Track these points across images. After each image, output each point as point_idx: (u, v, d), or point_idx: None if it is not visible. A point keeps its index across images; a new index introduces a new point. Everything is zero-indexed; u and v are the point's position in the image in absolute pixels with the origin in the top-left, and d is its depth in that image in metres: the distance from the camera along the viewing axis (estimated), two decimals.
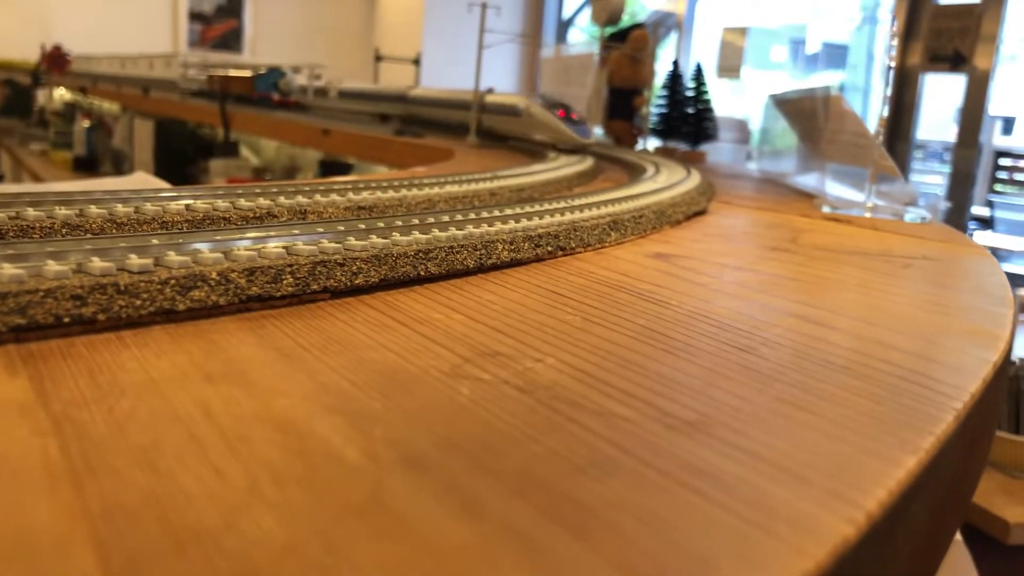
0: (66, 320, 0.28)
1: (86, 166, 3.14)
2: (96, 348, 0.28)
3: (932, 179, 3.63)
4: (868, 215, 0.85)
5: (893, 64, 0.86)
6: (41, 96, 4.19)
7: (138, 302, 0.30)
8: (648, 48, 1.70)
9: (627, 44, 1.71)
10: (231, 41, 5.55)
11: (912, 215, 0.85)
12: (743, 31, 1.75)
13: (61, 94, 4.04)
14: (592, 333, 0.35)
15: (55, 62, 4.04)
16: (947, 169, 3.53)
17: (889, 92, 0.85)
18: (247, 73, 2.24)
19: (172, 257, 0.33)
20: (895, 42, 0.85)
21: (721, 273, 0.50)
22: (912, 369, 0.33)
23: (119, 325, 0.30)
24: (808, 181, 1.12)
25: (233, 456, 0.21)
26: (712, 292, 0.45)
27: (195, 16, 5.45)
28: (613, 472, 0.22)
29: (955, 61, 3.10)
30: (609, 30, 1.80)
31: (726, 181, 1.18)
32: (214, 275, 0.33)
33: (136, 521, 0.17)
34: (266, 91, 2.16)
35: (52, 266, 0.30)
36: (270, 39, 5.42)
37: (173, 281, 0.32)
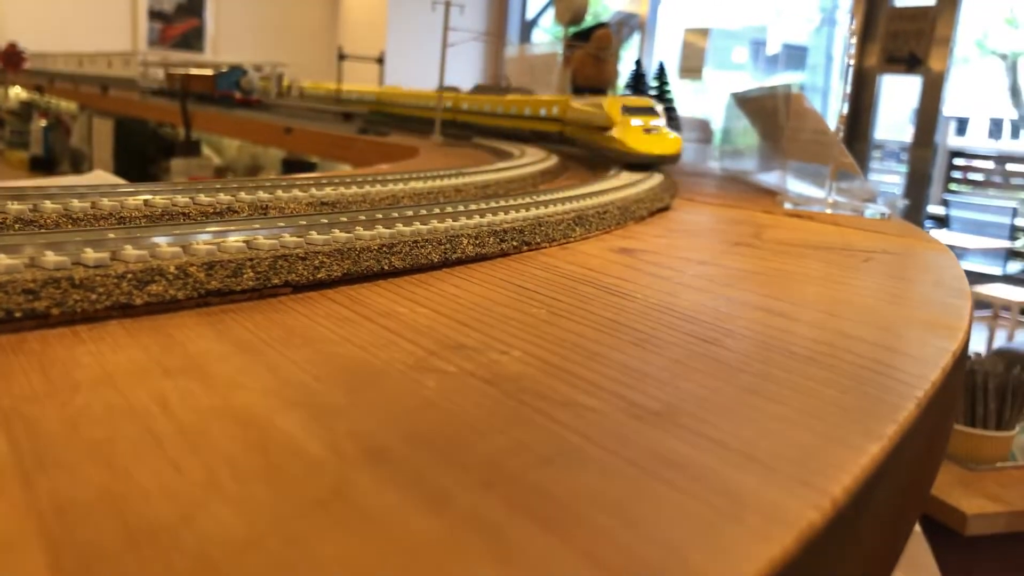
0: (17, 315, 0.28)
1: (43, 166, 3.07)
2: (49, 343, 0.27)
3: (890, 178, 3.69)
4: (829, 211, 0.86)
5: (852, 62, 0.87)
6: None
7: (93, 296, 0.29)
8: (612, 47, 1.70)
9: (591, 43, 1.71)
10: (192, 40, 5.48)
11: (872, 211, 0.86)
12: (705, 32, 1.77)
13: (17, 92, 3.95)
14: (558, 326, 0.35)
15: (10, 60, 3.95)
16: (904, 169, 3.59)
17: (848, 90, 0.86)
18: (208, 71, 2.21)
19: (129, 251, 0.32)
20: (854, 40, 0.86)
21: (685, 267, 0.50)
22: (875, 359, 0.33)
23: (74, 320, 0.29)
24: (770, 178, 1.13)
25: (191, 451, 0.20)
26: (677, 286, 0.45)
27: (155, 15, 5.37)
28: (581, 463, 0.22)
29: (911, 63, 3.16)
30: (572, 30, 1.80)
31: (689, 179, 1.19)
32: (172, 269, 0.32)
33: (89, 518, 0.17)
34: (228, 89, 2.13)
35: (3, 260, 0.29)
36: (232, 38, 5.36)
37: (130, 275, 0.31)
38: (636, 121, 0.91)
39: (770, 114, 1.14)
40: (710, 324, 0.37)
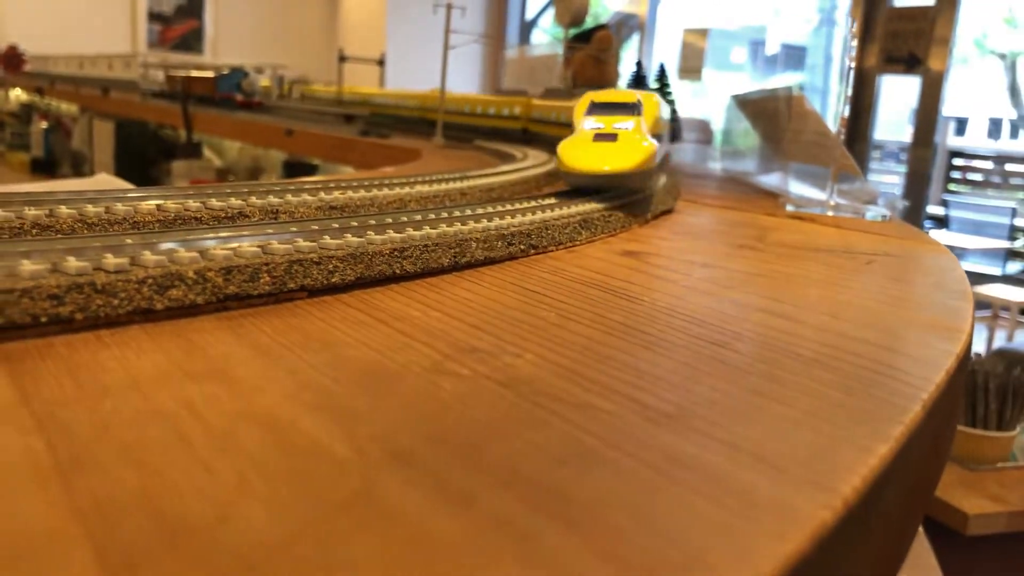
0: (43, 320, 0.28)
1: (44, 168, 3.09)
2: (75, 347, 0.28)
3: (889, 179, 3.70)
4: (831, 213, 0.87)
5: (853, 64, 0.88)
6: None
7: (116, 301, 0.30)
8: (612, 49, 1.71)
9: (591, 45, 1.72)
10: (192, 42, 5.49)
11: (873, 213, 0.87)
12: (704, 33, 1.78)
13: (17, 95, 3.96)
14: (568, 329, 0.35)
15: (10, 62, 3.96)
16: (903, 169, 3.59)
17: (849, 92, 0.87)
18: (209, 74, 2.22)
19: (148, 256, 0.33)
20: (855, 43, 0.87)
21: (691, 270, 0.51)
22: (880, 361, 0.34)
23: (97, 324, 0.30)
24: (770, 180, 1.13)
25: (220, 453, 0.21)
26: (683, 289, 0.45)
27: (154, 16, 5.38)
28: (597, 465, 0.22)
29: (910, 63, 3.17)
30: (573, 31, 1.81)
31: (691, 181, 1.20)
32: (191, 274, 0.33)
33: (129, 517, 0.17)
34: (229, 92, 2.14)
35: (27, 266, 0.30)
36: (231, 40, 5.37)
37: (150, 280, 0.31)
38: (591, 123, 0.66)
39: (771, 116, 1.15)
40: (717, 327, 0.38)
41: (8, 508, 0.17)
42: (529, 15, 5.16)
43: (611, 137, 0.63)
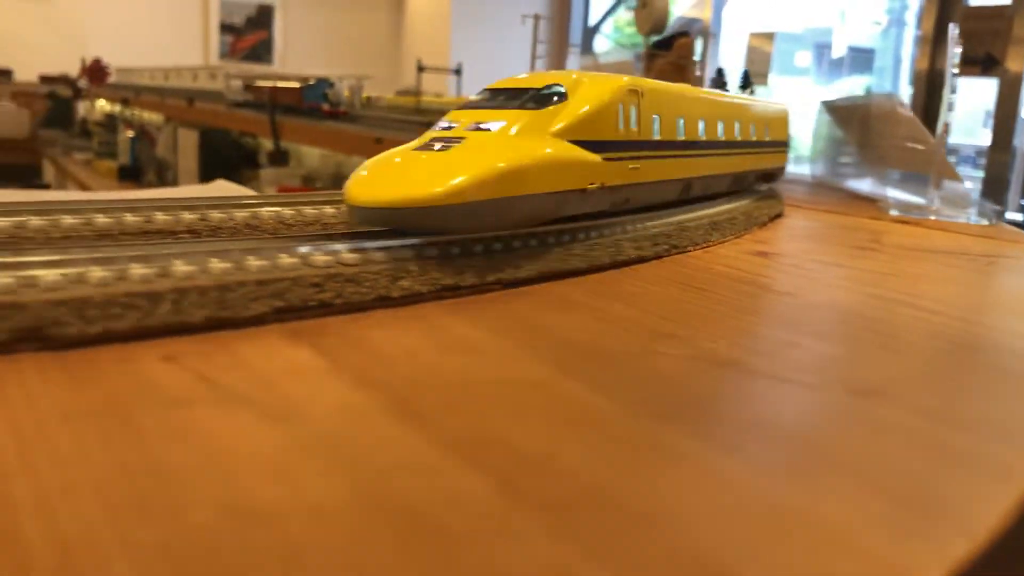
0: (311, 303, 0.33)
1: (131, 175, 3.22)
2: (341, 327, 0.32)
3: (966, 184, 3.61)
4: (933, 217, 0.88)
5: (956, 71, 0.89)
6: (82, 108, 4.30)
7: (363, 289, 0.35)
8: (692, 55, 1.74)
9: (672, 52, 1.75)
10: (261, 52, 5.64)
11: (976, 217, 0.88)
12: (770, 36, 1.79)
13: (101, 105, 4.13)
14: (744, 320, 0.39)
15: (95, 75, 4.14)
16: (980, 174, 3.52)
17: (953, 99, 0.89)
18: (295, 84, 2.31)
19: (375, 253, 0.37)
20: (958, 49, 0.88)
21: (823, 269, 0.54)
22: None
23: (350, 309, 0.34)
24: (862, 185, 1.15)
25: (513, 405, 0.25)
26: (825, 286, 0.49)
27: (226, 28, 5.55)
28: (831, 425, 0.26)
29: (987, 64, 3.11)
30: (654, 38, 1.84)
31: (783, 186, 1.22)
32: (414, 267, 0.37)
33: (482, 449, 0.22)
34: (315, 101, 2.22)
35: (285, 259, 0.35)
36: (299, 50, 5.50)
37: (385, 272, 0.36)
38: (447, 123, 0.45)
39: (863, 121, 1.17)
40: (872, 319, 0.41)
41: (390, 441, 0.22)
42: (591, 21, 5.18)
43: (447, 143, 0.41)
